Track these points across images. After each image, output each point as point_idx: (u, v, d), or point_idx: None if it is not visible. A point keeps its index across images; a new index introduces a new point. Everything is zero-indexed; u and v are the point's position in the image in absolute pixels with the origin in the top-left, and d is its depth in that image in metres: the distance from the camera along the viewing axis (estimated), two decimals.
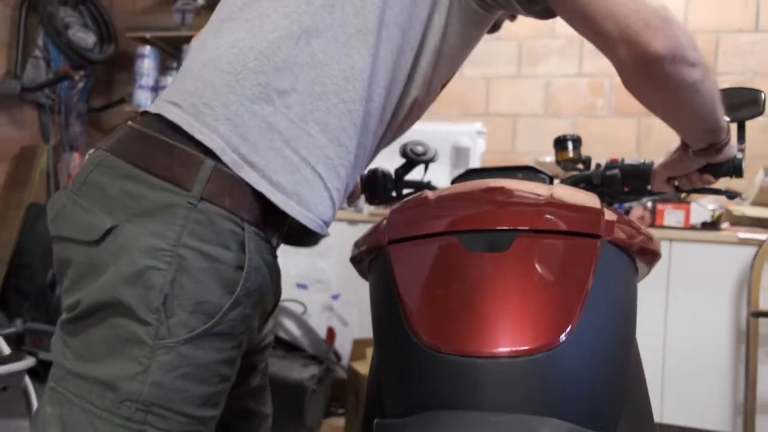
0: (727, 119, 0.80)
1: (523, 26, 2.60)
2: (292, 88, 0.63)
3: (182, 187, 0.59)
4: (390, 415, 0.66)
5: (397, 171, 1.14)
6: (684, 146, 0.84)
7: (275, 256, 0.69)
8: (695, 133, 0.78)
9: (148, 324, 0.58)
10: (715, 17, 2.44)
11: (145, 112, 0.66)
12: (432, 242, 0.67)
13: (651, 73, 0.64)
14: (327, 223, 0.67)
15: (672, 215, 1.97)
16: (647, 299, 1.93)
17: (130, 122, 0.66)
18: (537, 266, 0.62)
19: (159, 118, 0.63)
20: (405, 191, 1.16)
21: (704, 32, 2.45)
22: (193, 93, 0.62)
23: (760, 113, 0.87)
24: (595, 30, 0.66)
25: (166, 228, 0.58)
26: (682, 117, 0.73)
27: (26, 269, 2.41)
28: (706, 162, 0.84)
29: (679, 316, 1.92)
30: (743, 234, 1.88)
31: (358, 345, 2.01)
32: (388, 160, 1.19)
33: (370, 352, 1.93)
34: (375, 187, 1.13)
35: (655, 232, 1.89)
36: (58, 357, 0.62)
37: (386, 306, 0.68)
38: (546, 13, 0.73)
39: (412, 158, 1.10)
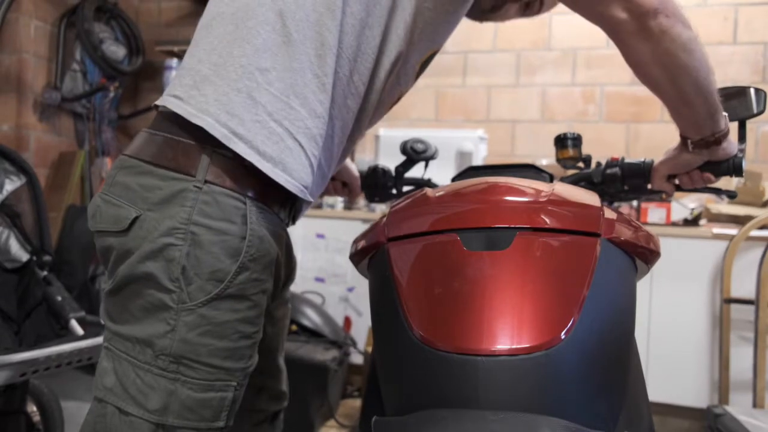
0: (725, 114, 0.81)
1: (521, 39, 2.81)
2: (272, 66, 0.69)
3: (188, 174, 0.68)
4: (389, 413, 0.66)
5: (397, 168, 1.13)
6: (684, 142, 0.84)
7: (284, 227, 0.77)
8: (696, 110, 0.77)
9: (171, 291, 0.67)
10: (698, 31, 2.62)
11: (156, 107, 0.76)
12: (431, 240, 0.67)
13: (646, 27, 0.68)
14: (307, 188, 0.73)
15: (655, 213, 2.18)
16: None
17: (145, 128, 0.76)
18: (536, 264, 0.62)
19: (164, 115, 0.72)
20: (405, 189, 1.15)
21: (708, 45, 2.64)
22: (192, 86, 0.70)
23: (760, 111, 0.87)
24: (594, 6, 0.71)
25: (179, 210, 0.67)
26: (680, 83, 0.73)
27: (67, 266, 2.62)
28: (705, 158, 0.84)
29: (662, 304, 2.10)
30: (717, 229, 2.08)
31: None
32: (389, 158, 1.23)
33: None
34: (375, 184, 1.12)
35: None
36: (106, 321, 0.73)
37: (385, 304, 0.68)
38: None
39: (413, 156, 1.10)
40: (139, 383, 0.68)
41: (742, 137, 0.88)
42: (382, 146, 2.50)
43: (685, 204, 2.22)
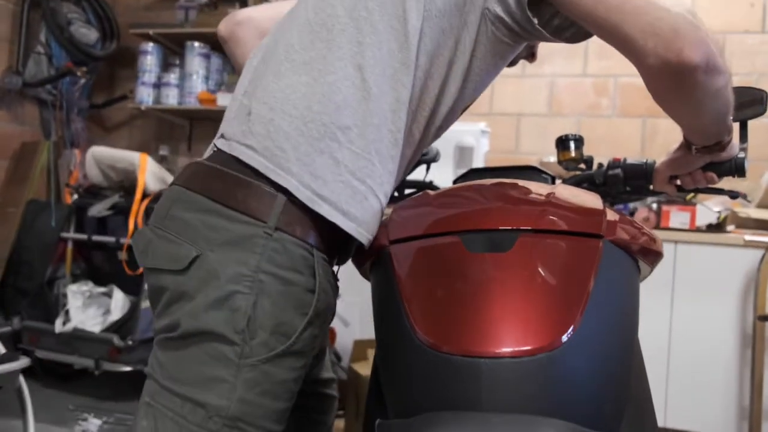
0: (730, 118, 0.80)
1: None
2: (353, 124, 0.68)
3: (259, 219, 0.65)
4: (392, 416, 0.65)
5: None
6: (686, 145, 0.84)
7: (337, 279, 0.74)
8: (706, 133, 0.78)
9: (235, 344, 0.63)
10: (722, 18, 2.42)
11: (219, 150, 0.72)
12: (434, 242, 0.67)
13: (682, 82, 0.63)
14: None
15: (677, 217, 1.95)
16: (652, 302, 1.93)
17: (200, 160, 0.72)
18: (539, 266, 0.62)
19: (233, 158, 0.69)
20: (407, 191, 1.16)
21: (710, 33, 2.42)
22: (266, 137, 0.68)
23: (763, 113, 0.87)
24: (621, 41, 0.65)
25: (247, 256, 0.64)
26: (699, 120, 0.73)
27: (25, 266, 2.39)
28: (708, 160, 0.84)
29: (684, 319, 1.90)
30: (750, 236, 1.87)
31: (359, 346, 1.99)
32: None
33: (371, 353, 1.91)
34: None
35: (659, 234, 1.87)
36: (154, 373, 0.68)
37: (388, 306, 0.68)
38: (578, 36, 0.74)
39: None
40: None
41: (744, 137, 0.88)
42: None
43: (710, 207, 1.98)
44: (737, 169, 0.85)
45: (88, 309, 2.07)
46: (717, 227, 1.98)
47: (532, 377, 0.58)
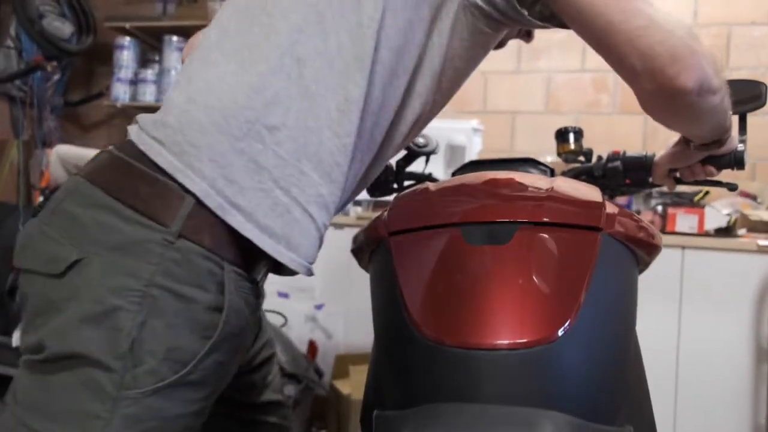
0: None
1: None
2: (283, 124, 0.60)
3: (160, 223, 0.56)
4: (389, 407, 0.65)
5: (398, 163, 1.13)
6: (685, 140, 0.84)
7: (258, 296, 0.66)
8: (703, 138, 0.78)
9: (113, 371, 0.54)
10: (727, 9, 2.30)
11: (130, 140, 0.62)
12: (433, 234, 0.67)
13: (675, 104, 0.63)
14: (311, 263, 0.65)
15: (684, 220, 1.81)
16: (658, 312, 1.80)
17: (112, 147, 0.62)
18: (538, 259, 0.62)
19: (141, 152, 0.59)
20: (406, 183, 1.16)
21: (715, 25, 2.30)
22: (177, 130, 0.59)
23: (762, 106, 0.87)
24: (616, 59, 0.63)
25: (139, 266, 0.55)
26: (694, 132, 0.76)
27: None
28: (707, 154, 0.84)
29: (693, 331, 1.77)
30: (764, 241, 1.73)
31: (341, 361, 1.85)
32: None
33: (353, 369, 1.77)
34: (376, 179, 1.09)
35: (666, 239, 1.73)
36: (14, 403, 0.57)
37: (386, 298, 0.68)
38: (563, 25, 0.69)
39: (414, 150, 1.10)
40: None
41: (743, 129, 0.88)
42: None
43: (719, 209, 1.85)
44: (737, 161, 0.86)
45: None
46: (726, 231, 1.84)
47: (529, 369, 0.58)
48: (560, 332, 0.58)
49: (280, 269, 0.65)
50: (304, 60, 0.60)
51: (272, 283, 2.15)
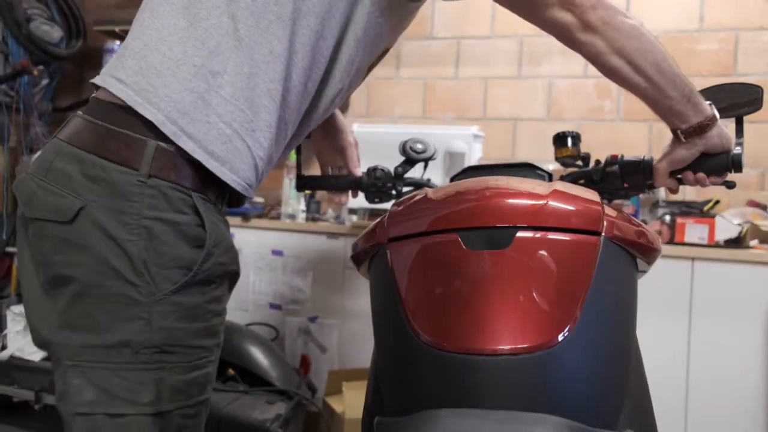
0: (709, 103, 0.84)
1: (524, 23, 2.39)
2: (224, 70, 0.72)
3: (132, 168, 0.69)
4: (391, 413, 0.65)
5: (396, 169, 1.13)
6: (675, 136, 0.86)
7: (223, 217, 0.78)
8: (667, 94, 0.80)
9: (138, 286, 0.68)
10: (734, 14, 2.24)
11: (93, 97, 0.74)
12: (432, 240, 0.67)
13: (588, 22, 0.76)
14: (251, 186, 0.77)
15: (694, 230, 1.73)
16: (668, 325, 1.72)
17: (79, 112, 0.75)
18: (537, 263, 0.61)
19: (102, 102, 0.72)
20: (405, 189, 1.15)
21: (722, 30, 2.24)
22: (137, 72, 0.70)
23: (759, 109, 0.88)
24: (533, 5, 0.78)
25: (128, 205, 0.68)
26: (639, 66, 0.79)
27: None
28: (700, 149, 0.85)
29: (704, 344, 1.69)
30: None
31: (334, 377, 1.76)
32: (388, 159, 1.18)
33: (347, 386, 1.68)
34: (375, 185, 1.11)
35: (675, 250, 1.64)
36: (66, 337, 0.70)
37: (386, 304, 0.68)
38: None
39: (412, 156, 1.09)
40: (125, 384, 0.68)
41: (740, 132, 0.89)
42: None
43: (730, 219, 1.77)
44: (734, 164, 0.86)
45: (29, 334, 1.83)
46: (737, 242, 1.76)
47: (530, 374, 0.58)
48: (560, 337, 0.59)
49: (231, 200, 0.79)
50: (237, 17, 0.72)
51: (264, 294, 2.07)
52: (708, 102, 0.85)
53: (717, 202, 1.86)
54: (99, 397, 0.68)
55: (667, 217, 1.76)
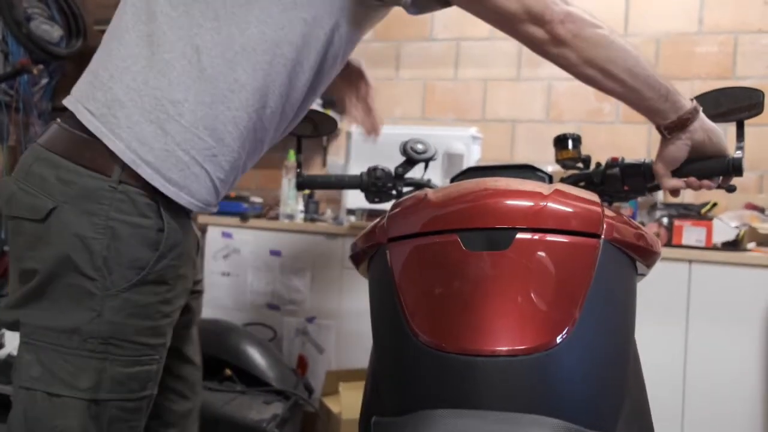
0: (692, 99, 0.86)
1: None
2: (185, 99, 0.76)
3: (104, 174, 0.75)
4: (388, 413, 0.65)
5: (396, 169, 1.13)
6: (661, 134, 0.87)
7: (188, 215, 0.83)
8: (643, 95, 0.83)
9: (95, 280, 0.74)
10: (734, 17, 2.24)
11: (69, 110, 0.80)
12: (431, 240, 0.66)
13: (558, 35, 0.79)
14: (210, 204, 0.84)
15: (691, 233, 1.73)
16: (665, 327, 1.72)
17: (59, 119, 0.81)
18: (536, 265, 0.61)
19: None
20: (405, 189, 1.15)
21: (721, 33, 2.24)
22: (104, 104, 0.76)
23: (760, 113, 0.87)
24: (489, 4, 0.81)
25: (97, 207, 0.74)
26: (612, 74, 0.81)
27: None
28: (688, 144, 0.85)
29: (701, 346, 1.68)
30: None
31: (331, 378, 1.76)
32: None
33: (344, 386, 1.68)
34: (375, 185, 1.11)
35: (673, 252, 1.64)
36: (24, 318, 0.77)
37: (385, 304, 0.69)
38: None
39: (413, 156, 1.09)
40: (68, 367, 0.74)
41: (740, 136, 0.89)
42: (353, 144, 2.05)
43: (727, 222, 1.77)
44: (734, 168, 0.85)
45: None
46: (735, 245, 1.76)
47: (528, 376, 0.57)
48: (559, 339, 0.58)
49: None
50: (201, 49, 0.76)
51: (261, 294, 2.07)
52: (692, 98, 0.86)
53: (715, 204, 1.86)
54: (43, 375, 0.74)
55: (665, 220, 1.76)
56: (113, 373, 0.75)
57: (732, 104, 0.89)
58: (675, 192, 0.92)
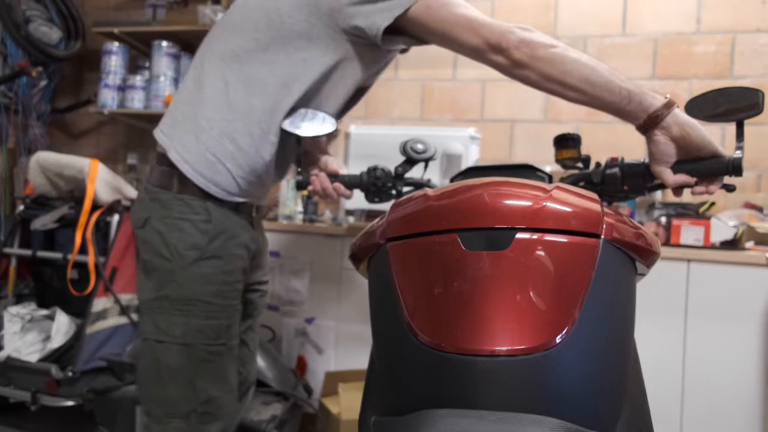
0: (667, 97, 0.89)
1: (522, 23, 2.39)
2: (214, 117, 1.08)
3: (168, 189, 1.09)
4: (388, 413, 0.66)
5: (396, 169, 1.15)
6: (642, 133, 0.91)
7: (236, 211, 1.12)
8: (608, 100, 0.89)
9: (168, 260, 1.06)
10: (731, 17, 2.24)
11: (156, 148, 1.17)
12: (430, 240, 0.67)
13: (515, 60, 0.92)
14: (233, 194, 1.12)
15: (690, 232, 1.73)
16: (663, 326, 1.72)
17: (155, 162, 1.17)
18: (536, 265, 0.61)
19: (158, 152, 1.14)
20: (404, 189, 1.17)
21: (720, 33, 2.24)
22: (169, 125, 1.13)
23: (760, 113, 0.87)
24: (456, 41, 0.98)
25: (169, 212, 1.07)
26: (572, 86, 0.90)
27: None
28: (663, 139, 0.88)
29: (699, 345, 1.68)
30: None
31: (330, 379, 1.76)
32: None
33: (343, 387, 1.68)
34: (375, 185, 1.14)
35: (671, 251, 1.63)
36: (142, 299, 1.12)
37: (384, 304, 0.69)
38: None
39: (412, 156, 1.12)
40: (166, 323, 1.06)
41: (740, 136, 0.89)
42: (352, 145, 2.05)
43: (725, 221, 1.78)
44: (734, 168, 0.86)
45: (27, 335, 1.83)
46: (733, 244, 1.76)
47: (528, 376, 0.58)
48: (558, 339, 0.58)
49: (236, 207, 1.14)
50: (228, 83, 1.07)
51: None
52: (667, 95, 0.89)
53: (713, 204, 1.86)
54: (154, 330, 1.06)
55: (663, 219, 1.77)
56: (194, 324, 1.04)
57: (731, 104, 0.89)
58: (679, 190, 0.92)
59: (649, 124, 0.88)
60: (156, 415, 1.06)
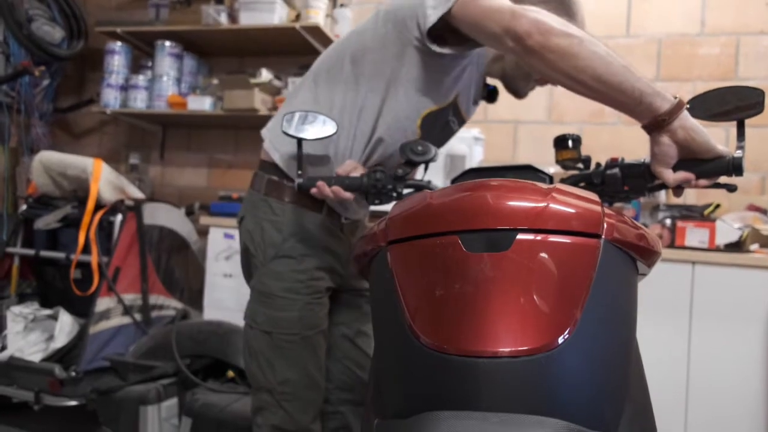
0: (675, 97, 0.87)
1: None
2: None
3: (257, 191, 1.18)
4: (391, 415, 0.65)
5: (397, 171, 1.16)
6: (647, 132, 0.90)
7: (321, 214, 1.17)
8: (617, 98, 0.87)
9: (256, 256, 1.16)
10: (735, 19, 2.24)
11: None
12: (432, 242, 0.66)
13: (528, 47, 0.87)
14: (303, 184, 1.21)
15: (694, 234, 1.73)
16: (668, 328, 1.72)
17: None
18: (537, 266, 0.61)
19: (261, 158, 1.24)
20: (405, 191, 1.18)
21: (724, 34, 2.24)
22: (269, 129, 1.22)
23: (760, 112, 0.87)
24: (485, 32, 0.95)
25: (257, 211, 1.16)
26: (582, 81, 0.86)
27: None
28: (668, 141, 0.87)
29: (704, 347, 1.69)
30: None
31: None
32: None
33: None
34: (375, 186, 1.16)
35: (676, 253, 1.63)
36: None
37: (386, 306, 0.69)
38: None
39: (412, 158, 1.12)
40: (254, 311, 1.17)
41: (740, 136, 0.89)
42: None
43: (730, 223, 1.77)
44: (735, 168, 0.85)
45: (30, 334, 1.83)
46: (737, 246, 1.76)
47: (530, 377, 0.58)
48: (560, 340, 0.58)
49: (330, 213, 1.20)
50: (318, 101, 1.15)
51: None
52: (676, 97, 0.87)
53: (717, 206, 1.86)
54: (249, 315, 1.17)
55: (668, 221, 1.76)
56: (270, 314, 1.13)
57: (732, 103, 0.89)
58: (679, 190, 0.92)
59: (654, 125, 0.88)
60: (252, 385, 1.20)
